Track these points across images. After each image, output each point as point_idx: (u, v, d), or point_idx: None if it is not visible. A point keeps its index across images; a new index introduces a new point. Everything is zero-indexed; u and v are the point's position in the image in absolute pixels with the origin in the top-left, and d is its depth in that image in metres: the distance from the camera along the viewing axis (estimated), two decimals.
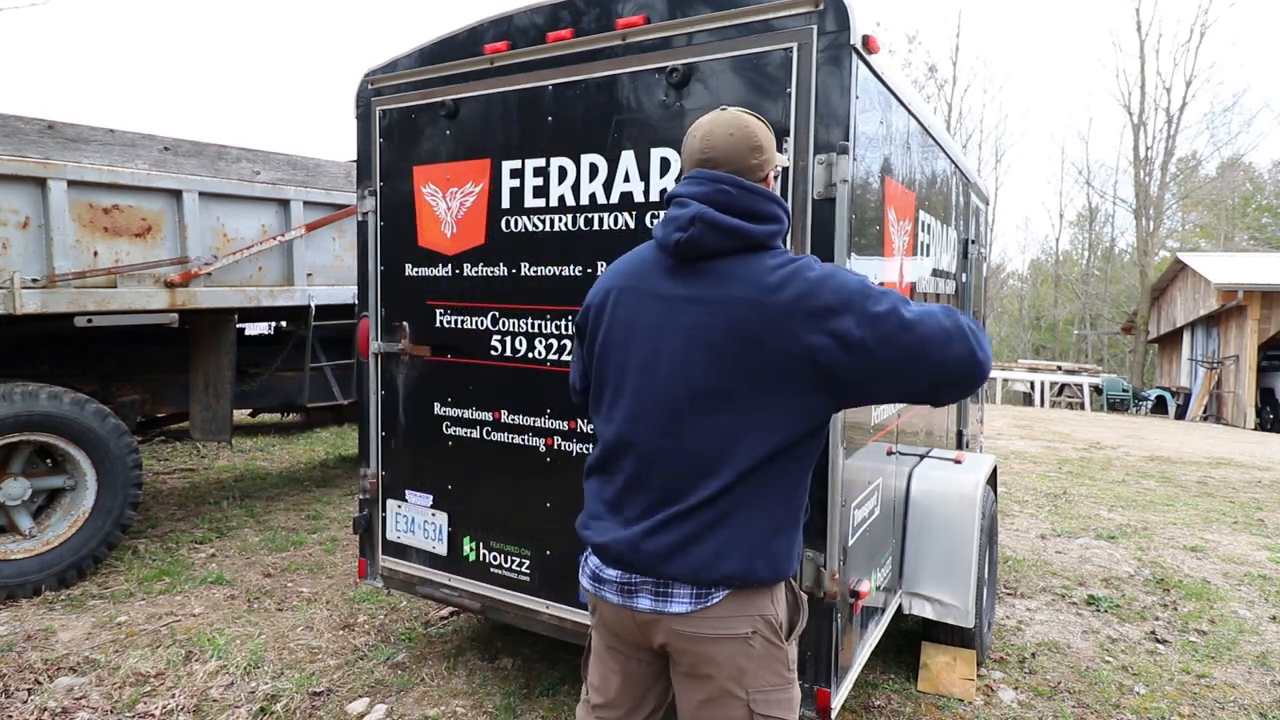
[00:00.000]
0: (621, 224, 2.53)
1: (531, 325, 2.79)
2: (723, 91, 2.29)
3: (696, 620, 1.50)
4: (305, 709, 3.06)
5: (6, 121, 4.19)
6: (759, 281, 1.46)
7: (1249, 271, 17.48)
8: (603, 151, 2.53)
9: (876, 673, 3.42)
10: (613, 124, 2.50)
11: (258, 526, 5.46)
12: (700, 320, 1.48)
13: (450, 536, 3.07)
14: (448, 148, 2.91)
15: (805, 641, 2.37)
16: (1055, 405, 20.45)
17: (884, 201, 2.55)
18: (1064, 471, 8.56)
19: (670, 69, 2.33)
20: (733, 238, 1.49)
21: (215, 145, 5.04)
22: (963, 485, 3.24)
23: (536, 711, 3.05)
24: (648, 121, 2.44)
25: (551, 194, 2.66)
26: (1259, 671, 3.61)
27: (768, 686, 1.52)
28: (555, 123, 2.62)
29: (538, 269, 2.75)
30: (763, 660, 1.52)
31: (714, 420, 1.48)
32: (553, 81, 2.60)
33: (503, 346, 2.87)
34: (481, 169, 2.82)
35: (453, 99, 2.83)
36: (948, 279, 3.91)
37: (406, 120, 3.01)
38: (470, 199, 2.87)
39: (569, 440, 2.74)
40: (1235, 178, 31.57)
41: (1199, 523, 6.30)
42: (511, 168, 2.74)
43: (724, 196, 1.50)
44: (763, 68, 2.21)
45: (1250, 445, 11.71)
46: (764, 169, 1.57)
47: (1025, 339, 37.15)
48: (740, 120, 1.56)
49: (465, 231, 2.90)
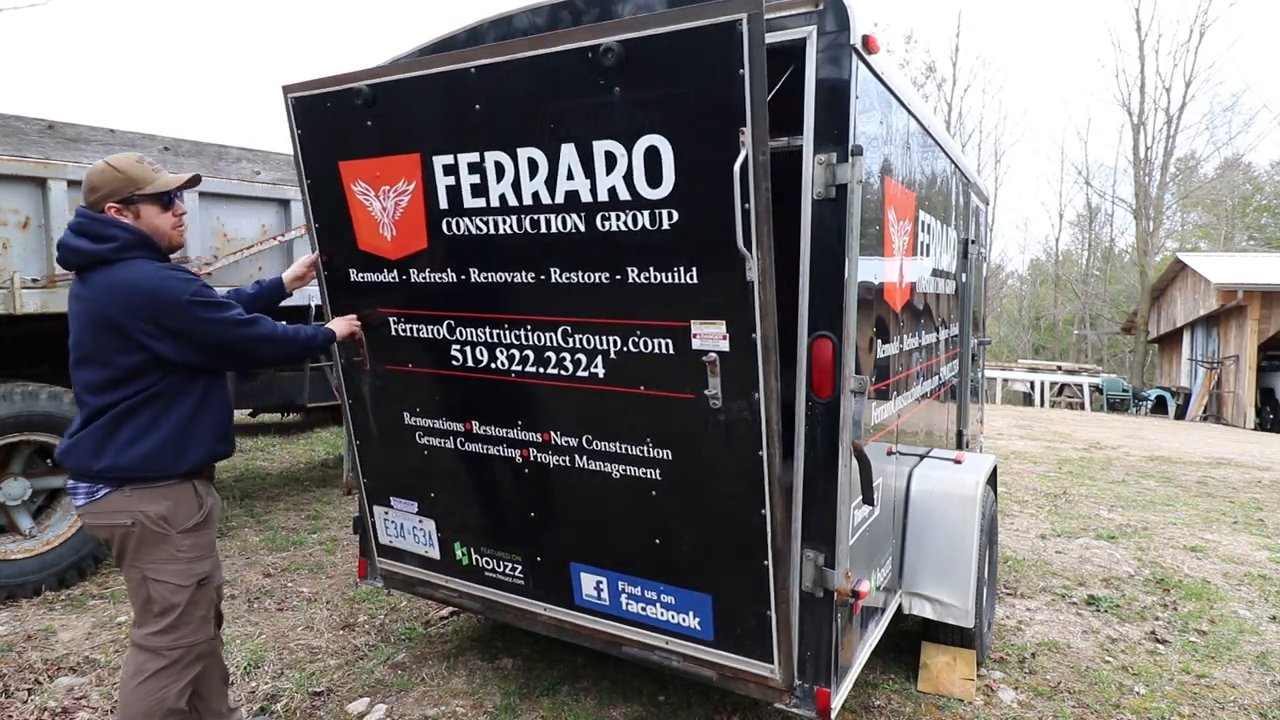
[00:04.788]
0: (571, 226, 2.27)
1: (490, 335, 2.60)
2: (667, 72, 1.97)
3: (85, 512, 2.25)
4: (305, 709, 3.06)
5: (6, 121, 4.20)
6: (103, 285, 2.15)
7: (1249, 271, 17.49)
8: (540, 145, 2.23)
9: (876, 673, 3.42)
10: (546, 113, 2.19)
11: (258, 526, 5.46)
12: (85, 310, 2.18)
13: (441, 541, 3.03)
14: (372, 141, 2.58)
15: (805, 641, 2.38)
16: (1055, 405, 20.45)
17: (884, 201, 2.55)
18: (1064, 471, 8.57)
19: (603, 48, 1.98)
20: (83, 255, 2.16)
21: (215, 145, 5.04)
22: (963, 485, 3.24)
23: (536, 711, 3.05)
24: (584, 110, 2.12)
25: (491, 193, 2.37)
26: (1259, 671, 3.61)
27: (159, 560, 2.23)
28: (484, 112, 2.30)
29: (488, 275, 2.52)
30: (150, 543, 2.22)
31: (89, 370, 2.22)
32: (475, 64, 2.26)
33: (464, 357, 2.69)
34: (411, 165, 2.51)
35: (368, 85, 2.48)
36: (948, 279, 3.91)
37: (322, 109, 2.64)
38: (405, 198, 2.58)
39: (544, 452, 2.61)
40: (1235, 178, 31.54)
41: (1199, 523, 6.30)
42: (444, 163, 2.44)
43: (77, 224, 2.20)
44: (708, 47, 1.90)
45: (1250, 445, 11.71)
46: (101, 204, 2.21)
47: (1025, 339, 37.15)
48: (92, 170, 2.24)
49: (405, 234, 2.63)
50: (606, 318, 2.33)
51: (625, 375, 2.35)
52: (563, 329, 2.43)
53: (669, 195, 2.07)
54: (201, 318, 2.18)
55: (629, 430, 2.41)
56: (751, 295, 2.03)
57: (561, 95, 2.15)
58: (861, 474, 2.31)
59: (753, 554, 2.26)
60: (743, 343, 2.10)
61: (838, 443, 2.26)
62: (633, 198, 2.12)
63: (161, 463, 2.21)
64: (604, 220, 2.21)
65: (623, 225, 2.17)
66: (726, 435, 2.20)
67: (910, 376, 3.16)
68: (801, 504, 2.35)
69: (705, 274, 2.11)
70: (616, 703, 3.12)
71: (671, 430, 2.33)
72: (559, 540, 2.71)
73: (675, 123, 2.00)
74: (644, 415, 2.36)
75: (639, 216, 2.14)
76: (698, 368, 2.17)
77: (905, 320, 2.99)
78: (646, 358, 2.28)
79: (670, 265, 2.15)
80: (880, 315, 2.61)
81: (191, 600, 2.26)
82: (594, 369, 2.41)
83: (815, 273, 2.25)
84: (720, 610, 2.41)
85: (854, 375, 2.22)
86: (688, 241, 2.10)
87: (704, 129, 1.97)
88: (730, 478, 2.24)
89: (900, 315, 2.90)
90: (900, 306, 2.89)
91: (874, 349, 2.55)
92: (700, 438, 2.26)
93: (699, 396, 2.21)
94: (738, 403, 2.16)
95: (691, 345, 2.18)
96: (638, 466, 2.42)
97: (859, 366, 2.33)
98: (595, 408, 2.46)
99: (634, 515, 2.49)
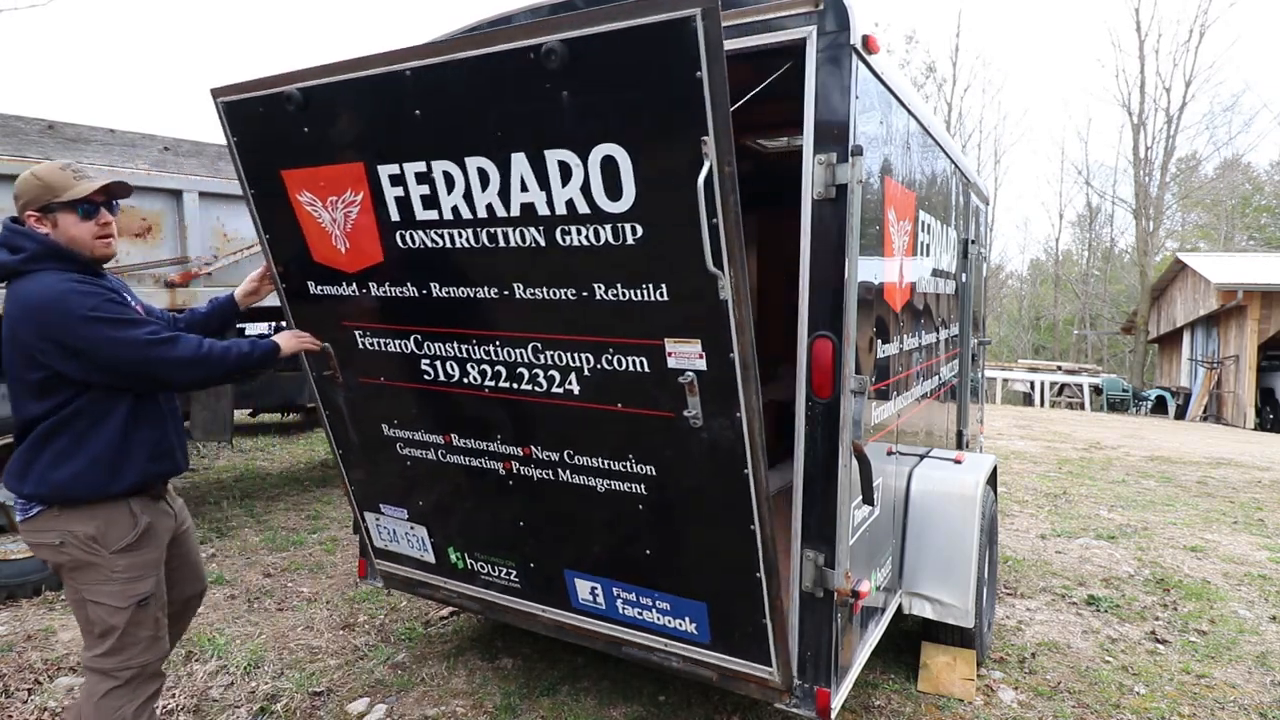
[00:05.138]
0: (530, 241, 2.10)
1: (460, 350, 2.47)
2: (618, 75, 1.80)
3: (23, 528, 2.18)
4: (305, 709, 3.06)
5: (6, 121, 4.20)
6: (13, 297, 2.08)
7: (1249, 271, 17.49)
8: (489, 154, 2.05)
9: (876, 673, 3.42)
10: (492, 120, 2.01)
11: (258, 526, 5.46)
12: (5, 324, 2.10)
13: (434, 546, 3.00)
14: (313, 149, 2.36)
15: (805, 641, 2.38)
16: (1055, 405, 20.45)
17: (884, 201, 2.55)
18: (1064, 471, 8.57)
19: (545, 49, 1.80)
20: (1, 267, 2.11)
21: (215, 145, 5.03)
22: (963, 485, 3.24)
23: (536, 711, 3.05)
24: (532, 116, 1.95)
25: (443, 205, 2.20)
26: (1259, 671, 3.61)
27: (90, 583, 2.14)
28: (425, 118, 2.11)
29: (449, 290, 2.36)
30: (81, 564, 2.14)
31: None
32: (409, 65, 2.05)
33: (435, 372, 2.56)
34: (356, 175, 2.31)
35: (298, 88, 2.25)
36: (948, 279, 3.91)
37: (255, 114, 2.41)
38: (354, 210, 2.38)
39: (527, 465, 2.54)
40: (1235, 178, 31.55)
41: (1199, 523, 6.30)
42: (390, 173, 2.24)
43: (1, 235, 2.15)
44: (660, 47, 1.72)
45: (1250, 445, 11.71)
46: (22, 213, 2.15)
47: (1025, 339, 37.14)
48: (19, 178, 2.16)
49: (359, 247, 2.45)
50: (576, 335, 2.21)
51: (600, 393, 2.25)
52: (532, 345, 2.31)
53: (631, 209, 1.91)
54: (101, 336, 2.02)
55: (609, 447, 2.33)
56: (726, 314, 1.91)
57: (506, 100, 1.96)
58: (861, 474, 2.31)
59: (744, 566, 2.22)
60: (720, 361, 1.99)
61: (838, 443, 2.26)
62: (592, 211, 1.96)
63: (90, 485, 2.10)
64: (564, 235, 2.05)
65: (584, 240, 2.02)
66: (710, 453, 2.13)
67: (910, 376, 3.16)
68: (801, 504, 2.34)
69: (676, 291, 1.98)
70: (616, 703, 3.12)
71: (653, 447, 2.25)
72: (550, 548, 2.68)
73: (631, 131, 1.84)
74: (623, 432, 2.27)
75: (600, 231, 1.99)
76: (675, 386, 2.07)
77: (905, 320, 2.99)
78: (621, 375, 2.18)
79: (638, 282, 2.02)
80: (880, 315, 2.61)
81: (132, 621, 2.16)
82: (568, 386, 2.30)
83: (815, 273, 2.25)
84: (716, 616, 2.39)
85: (854, 375, 2.22)
86: (654, 258, 1.96)
87: (663, 138, 1.81)
88: (716, 493, 2.19)
89: (900, 315, 2.90)
90: (900, 306, 2.89)
91: (874, 349, 2.55)
92: (683, 455, 2.19)
93: (678, 415, 2.12)
94: (719, 421, 2.07)
95: (667, 364, 2.08)
96: (622, 481, 2.35)
97: (859, 366, 2.33)
98: (573, 424, 2.37)
99: (622, 527, 2.44)
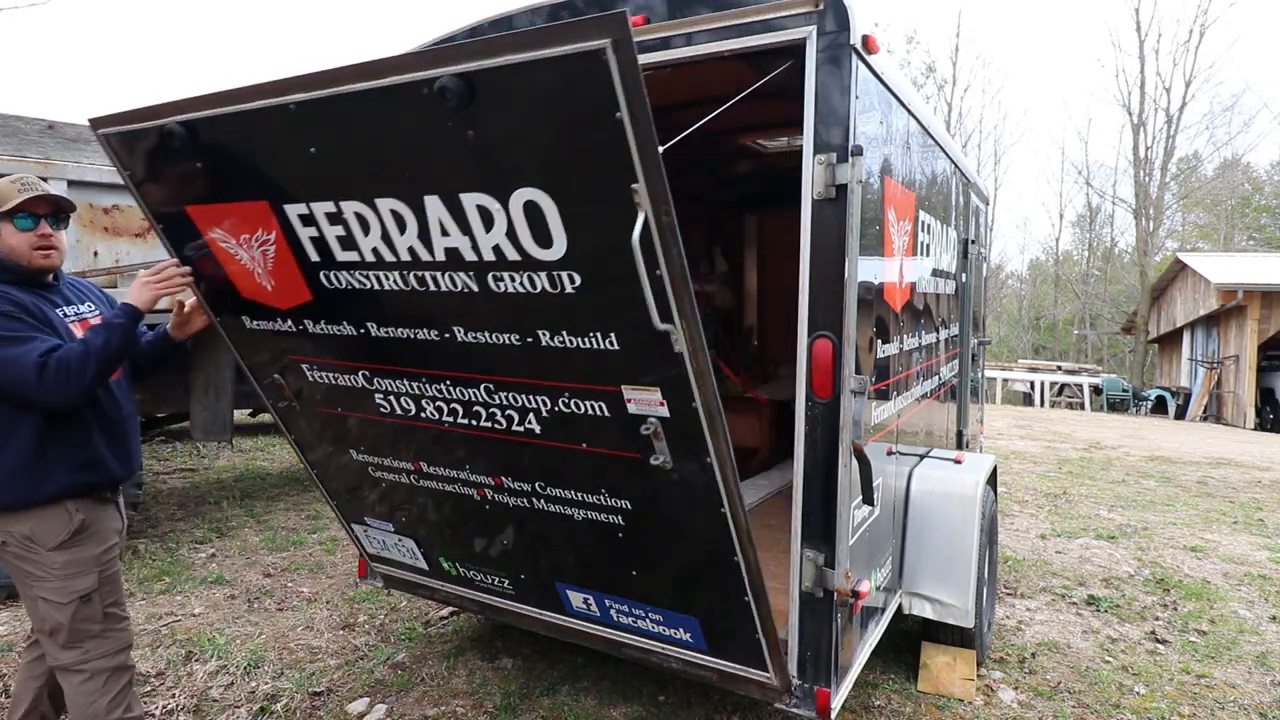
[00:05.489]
0: (462, 285, 1.89)
1: (411, 387, 2.30)
2: (528, 114, 1.55)
3: None
4: (305, 709, 3.06)
5: (6, 121, 4.20)
6: None
7: (1249, 271, 17.49)
8: (399, 197, 1.81)
9: (876, 673, 3.42)
10: (394, 160, 1.76)
11: (258, 526, 5.46)
12: None
13: (426, 556, 2.97)
14: (212, 185, 2.10)
15: (805, 641, 2.38)
16: (1055, 405, 20.46)
17: (884, 201, 2.55)
18: (1064, 471, 8.57)
19: (439, 85, 1.54)
20: None
21: None
22: (963, 485, 3.24)
23: (536, 711, 3.05)
24: (438, 157, 1.70)
25: (362, 246, 1.96)
26: (1259, 671, 3.61)
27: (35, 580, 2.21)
28: (321, 156, 1.85)
29: (388, 330, 2.17)
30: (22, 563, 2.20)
31: None
32: (293, 99, 1.75)
33: (390, 406, 2.40)
34: (263, 213, 2.04)
35: (180, 121, 1.95)
36: (948, 279, 3.91)
37: (142, 146, 2.12)
38: (270, 248, 2.13)
39: (500, 494, 2.45)
40: (1235, 178, 31.56)
41: (1199, 523, 6.30)
42: (298, 213, 1.98)
43: None
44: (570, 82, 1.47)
45: (1250, 445, 11.71)
46: None
47: (1025, 339, 37.15)
48: None
49: (285, 286, 2.21)
50: (527, 379, 2.06)
51: (563, 433, 2.12)
52: (485, 385, 2.16)
53: (564, 258, 1.70)
54: None
55: (580, 482, 2.24)
56: (684, 365, 1.74)
57: (407, 138, 1.70)
58: (861, 474, 2.31)
59: (731, 591, 2.19)
60: (684, 409, 1.84)
61: (838, 443, 2.26)
62: (523, 258, 1.75)
63: (13, 493, 2.15)
64: (497, 281, 1.83)
65: (520, 287, 1.82)
66: (684, 492, 2.04)
67: (910, 376, 3.16)
68: (801, 504, 2.34)
69: (627, 341, 1.81)
70: (616, 703, 3.12)
71: (625, 485, 2.15)
72: (537, 564, 2.65)
73: (551, 176, 1.61)
74: (591, 470, 2.17)
75: (535, 279, 1.78)
76: (640, 429, 1.94)
77: (905, 320, 2.99)
78: (581, 418, 2.04)
79: (585, 330, 1.84)
80: (880, 315, 2.61)
81: (76, 617, 2.20)
82: (528, 425, 2.17)
83: (815, 273, 2.25)
84: (709, 630, 2.38)
85: (854, 375, 2.22)
86: (599, 307, 1.77)
87: (587, 185, 1.59)
88: (695, 528, 2.13)
89: (900, 315, 2.90)
90: (900, 306, 2.89)
91: (874, 349, 2.55)
92: (656, 493, 2.11)
93: (646, 459, 2.00)
94: (690, 465, 1.95)
95: (628, 410, 1.94)
96: (598, 512, 2.28)
97: (859, 366, 2.33)
98: (539, 459, 2.25)
99: (605, 550, 2.40)
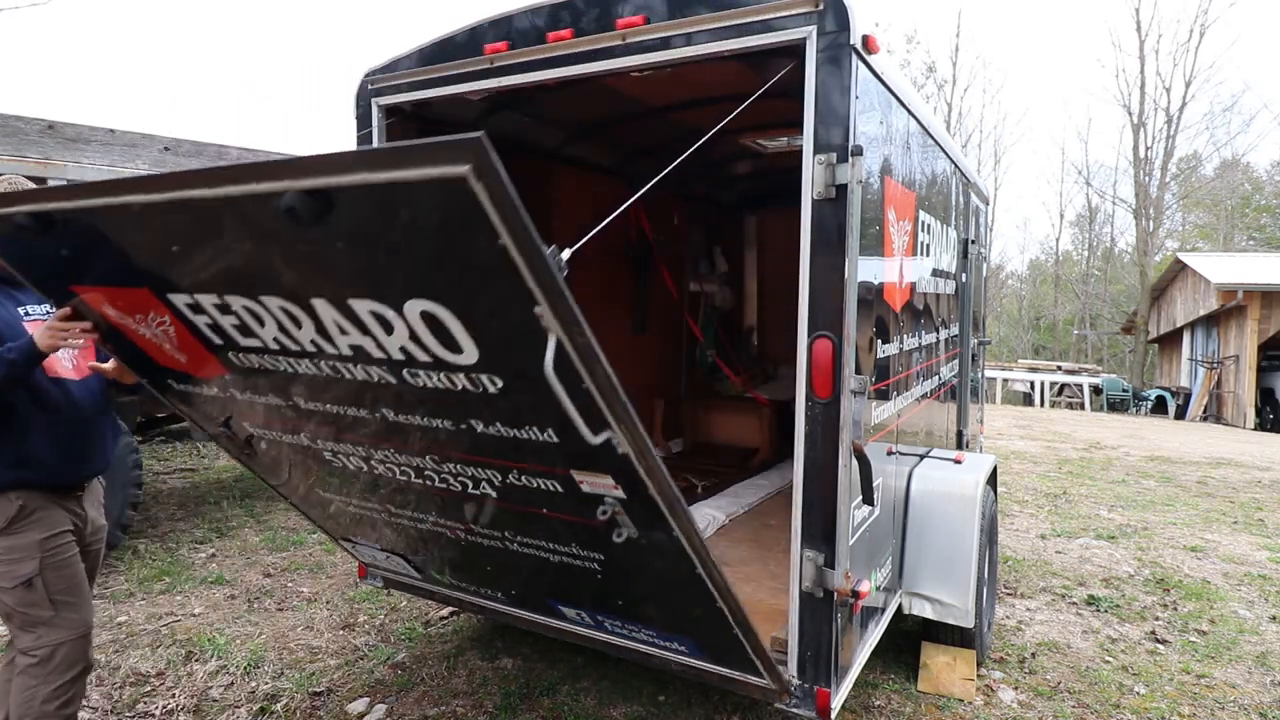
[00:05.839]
0: (378, 377, 1.68)
1: (358, 449, 2.11)
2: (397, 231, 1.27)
3: None
4: (305, 709, 3.06)
5: (6, 121, 4.20)
6: None
7: (1249, 271, 17.48)
8: (284, 296, 1.56)
9: (876, 673, 3.42)
10: (263, 263, 1.51)
11: (258, 526, 5.46)
12: None
13: (419, 570, 2.91)
14: (90, 269, 1.83)
15: (805, 641, 2.38)
16: (1055, 405, 20.45)
17: (884, 201, 2.55)
18: (1064, 471, 8.57)
19: (284, 205, 1.24)
20: None
21: (215, 145, 5.04)
22: (963, 485, 3.24)
23: (536, 711, 3.05)
24: (309, 266, 1.46)
25: (262, 336, 1.72)
26: (1259, 671, 3.61)
27: None
28: (187, 254, 1.58)
29: (316, 405, 1.95)
30: None
31: None
32: (137, 199, 1.44)
33: (342, 463, 2.24)
34: (149, 300, 1.79)
35: (29, 211, 1.63)
36: (947, 279, 3.91)
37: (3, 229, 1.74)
38: (170, 329, 1.88)
39: (473, 536, 2.34)
40: (1235, 178, 31.56)
41: (1199, 523, 6.30)
42: (185, 302, 1.73)
43: None
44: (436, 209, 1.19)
45: (1250, 445, 11.71)
46: None
47: (1025, 339, 37.14)
48: None
49: (198, 360, 1.98)
50: (471, 456, 1.89)
51: (521, 501, 2.01)
52: (430, 457, 1.99)
53: (479, 361, 1.50)
54: None
55: (548, 537, 2.16)
56: (630, 463, 1.60)
57: (268, 244, 1.43)
58: (861, 474, 2.31)
59: (718, 628, 2.15)
60: (641, 494, 1.71)
61: (838, 443, 2.26)
62: (434, 361, 1.55)
63: None
64: (414, 376, 1.63)
65: (439, 383, 1.62)
66: (656, 554, 1.94)
67: (910, 376, 3.16)
68: (801, 504, 2.34)
69: (567, 437, 1.62)
70: (616, 703, 3.12)
71: (594, 543, 2.05)
72: (525, 586, 2.62)
73: (442, 291, 1.37)
74: (557, 529, 2.09)
75: (454, 378, 1.59)
76: (598, 510, 1.84)
77: (905, 320, 2.99)
78: (536, 492, 1.92)
79: (519, 424, 1.67)
80: (880, 315, 2.61)
81: (22, 602, 2.26)
82: (484, 490, 2.03)
83: (815, 273, 2.25)
84: (703, 646, 2.37)
85: (854, 375, 2.22)
86: (530, 405, 1.58)
87: (485, 301, 1.35)
88: (671, 582, 2.06)
89: (900, 315, 2.90)
90: (900, 306, 2.89)
91: (874, 349, 2.55)
92: (627, 553, 2.01)
93: (611, 529, 1.91)
94: (656, 534, 1.84)
95: (582, 490, 1.81)
96: (572, 559, 2.18)
97: (859, 366, 2.33)
98: (504, 516, 2.15)
99: (588, 584, 2.32)
